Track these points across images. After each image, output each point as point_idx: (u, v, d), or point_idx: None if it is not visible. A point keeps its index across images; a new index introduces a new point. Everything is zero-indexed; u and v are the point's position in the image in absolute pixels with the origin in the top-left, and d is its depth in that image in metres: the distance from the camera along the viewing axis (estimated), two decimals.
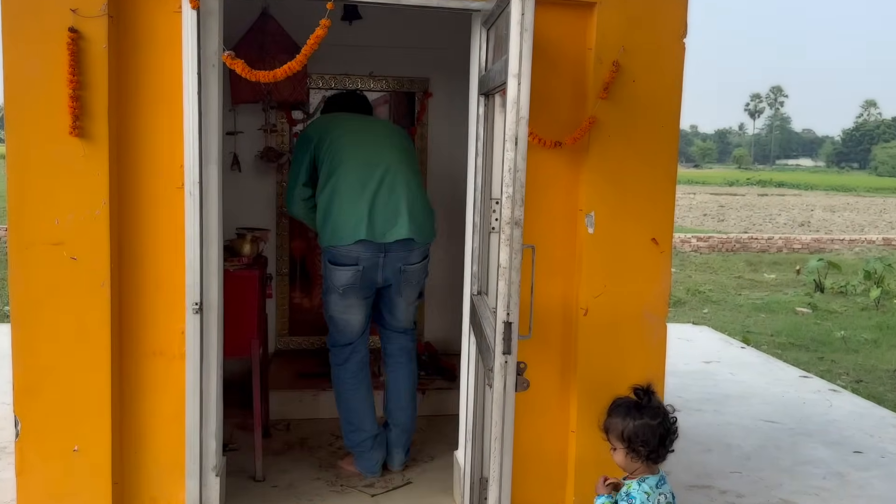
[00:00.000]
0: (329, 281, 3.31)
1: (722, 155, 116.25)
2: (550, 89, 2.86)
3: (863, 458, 4.03)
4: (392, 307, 3.44)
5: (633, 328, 3.00)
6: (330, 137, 3.34)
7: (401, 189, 3.29)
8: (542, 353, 2.95)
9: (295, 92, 4.04)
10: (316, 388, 4.14)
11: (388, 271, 3.30)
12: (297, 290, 4.78)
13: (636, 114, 2.88)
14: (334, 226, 3.24)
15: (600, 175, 2.91)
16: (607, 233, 2.94)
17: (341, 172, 3.26)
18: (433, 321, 4.89)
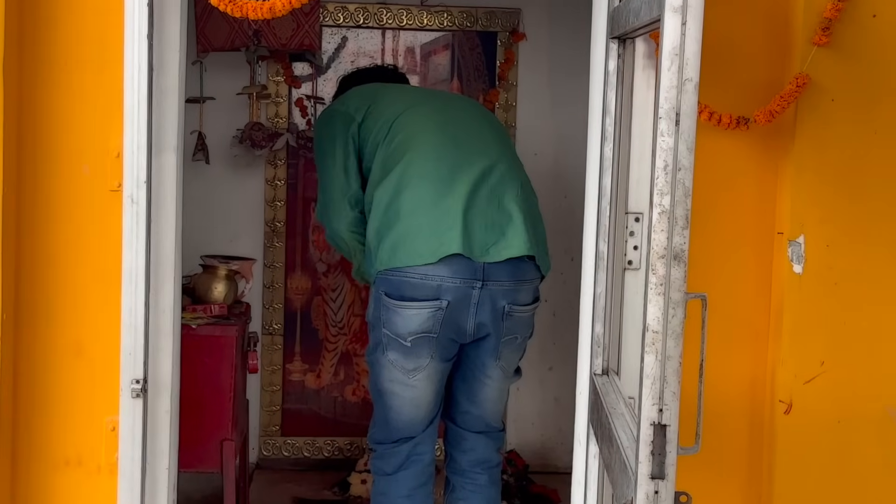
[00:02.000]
0: (384, 328, 3.33)
1: None
2: (733, 32, 2.88)
3: None
4: (477, 384, 3.43)
5: (870, 435, 2.96)
6: (385, 113, 3.43)
7: (511, 184, 3.36)
8: (716, 478, 2.94)
9: (300, 33, 4.13)
10: None
11: (486, 313, 3.31)
12: (295, 359, 4.83)
13: (879, 72, 2.87)
14: (401, 237, 3.27)
15: (815, 176, 2.90)
16: (827, 273, 2.92)
17: (414, 155, 3.33)
18: (522, 417, 4.90)
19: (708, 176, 2.87)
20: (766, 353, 2.98)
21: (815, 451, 2.94)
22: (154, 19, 2.67)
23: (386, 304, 3.28)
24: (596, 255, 2.94)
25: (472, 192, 3.26)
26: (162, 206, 2.74)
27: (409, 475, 3.42)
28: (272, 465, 4.80)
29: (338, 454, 4.75)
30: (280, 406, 4.82)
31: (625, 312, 2.85)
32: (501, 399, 3.52)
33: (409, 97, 3.52)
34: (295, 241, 4.77)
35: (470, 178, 3.28)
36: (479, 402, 3.45)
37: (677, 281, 2.01)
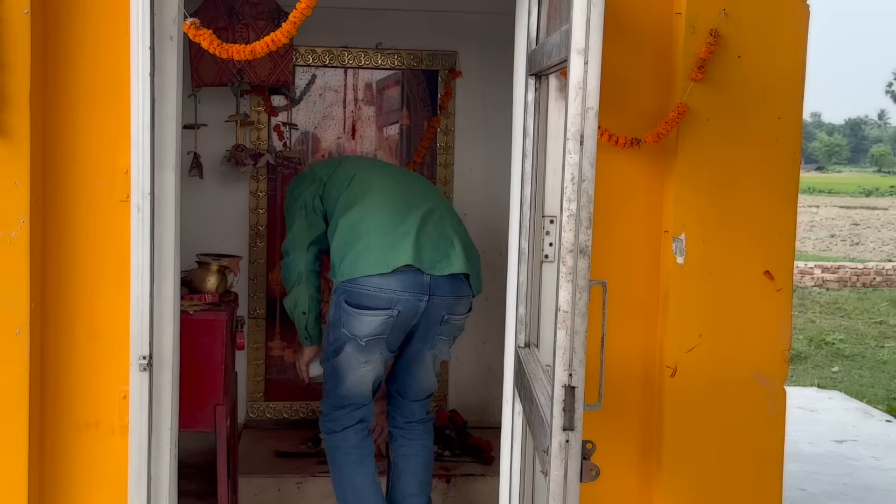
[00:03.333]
0: (343, 328, 3.34)
1: (855, 154, 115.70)
2: (627, 69, 2.89)
3: None
4: (414, 365, 3.48)
5: (739, 395, 2.99)
6: (347, 172, 3.53)
7: (451, 221, 3.49)
8: (616, 429, 2.95)
9: (276, 71, 4.12)
10: (301, 472, 4.15)
11: (428, 319, 3.39)
12: (276, 338, 4.82)
13: (743, 101, 2.90)
14: (361, 251, 3.30)
15: (693, 184, 2.93)
16: (703, 263, 2.94)
17: (374, 195, 3.42)
18: (462, 382, 4.90)
19: (608, 186, 2.88)
20: (655, 328, 3.01)
21: (695, 407, 2.97)
22: (155, 60, 2.66)
23: (346, 310, 3.32)
24: (519, 251, 2.96)
25: (421, 221, 3.36)
26: (163, 214, 2.73)
27: (355, 430, 3.46)
28: (257, 425, 4.78)
29: (311, 415, 4.73)
30: (263, 377, 4.81)
31: (542, 297, 2.87)
32: (433, 375, 3.58)
33: (365, 161, 3.81)
34: (274, 242, 4.75)
35: (419, 212, 3.38)
36: (415, 378, 3.53)
37: (583, 270, 2.03)
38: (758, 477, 2.99)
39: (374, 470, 3.46)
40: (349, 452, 3.43)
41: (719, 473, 2.99)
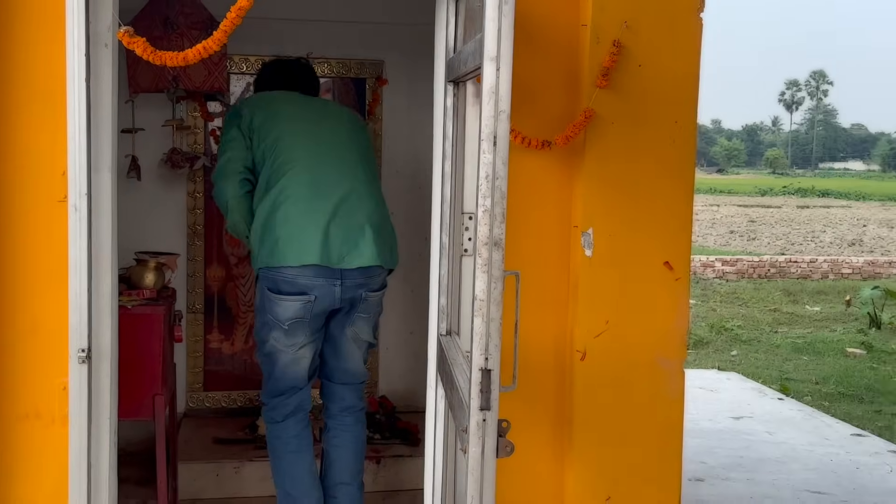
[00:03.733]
0: (268, 314, 3.31)
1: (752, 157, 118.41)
2: (537, 76, 2.91)
3: None
4: (340, 348, 3.44)
5: (643, 376, 3.03)
6: (274, 129, 3.35)
7: (367, 204, 3.35)
8: (531, 409, 2.97)
9: (210, 78, 4.05)
10: (238, 458, 4.11)
11: (346, 300, 3.34)
12: (213, 331, 4.76)
13: (644, 106, 2.94)
14: (277, 241, 3.24)
15: (599, 183, 2.96)
16: (609, 255, 2.98)
17: (291, 177, 3.29)
18: (390, 370, 4.90)
19: (522, 184, 2.92)
20: (566, 315, 3.04)
21: (603, 387, 3.01)
22: (91, 66, 2.60)
23: (268, 296, 3.29)
24: (440, 246, 2.97)
25: (333, 212, 3.26)
26: (100, 214, 2.67)
27: (296, 421, 3.40)
28: (197, 413, 4.72)
29: (248, 404, 4.70)
30: (202, 368, 4.75)
31: (462, 288, 2.87)
32: (359, 358, 3.52)
33: (297, 116, 3.44)
34: (211, 240, 4.71)
35: (333, 200, 3.28)
36: (342, 359, 3.48)
37: (497, 262, 2.04)
38: (660, 451, 3.04)
39: (312, 460, 3.43)
40: (289, 442, 3.39)
41: (625, 448, 3.03)
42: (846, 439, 5.71)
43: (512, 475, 2.92)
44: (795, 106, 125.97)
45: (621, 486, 3.01)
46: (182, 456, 4.00)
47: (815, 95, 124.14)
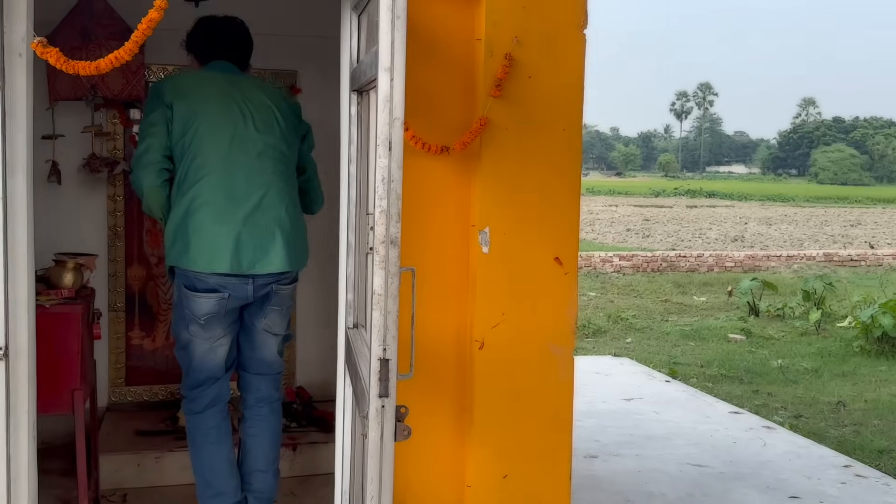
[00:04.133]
0: (185, 309, 3.25)
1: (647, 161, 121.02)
2: (435, 86, 2.92)
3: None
4: (254, 338, 3.40)
5: (536, 363, 3.07)
6: (192, 127, 3.21)
7: (278, 209, 3.27)
8: (432, 396, 2.98)
9: (128, 87, 3.98)
10: (159, 448, 4.04)
11: (258, 295, 3.31)
12: (135, 328, 4.66)
13: (534, 114, 2.97)
14: (189, 247, 3.18)
15: (495, 185, 2.99)
16: (504, 252, 3.01)
17: (205, 182, 3.19)
18: (307, 361, 4.87)
19: (423, 187, 2.94)
20: (466, 308, 3.05)
21: (501, 374, 3.03)
22: (6, 75, 2.53)
23: (185, 293, 3.24)
24: (347, 245, 2.98)
25: (245, 218, 3.20)
26: (16, 217, 2.59)
27: (215, 412, 3.36)
28: (120, 407, 4.63)
29: (169, 397, 4.62)
30: (125, 363, 4.65)
31: (368, 284, 2.88)
32: (274, 349, 3.47)
33: (219, 108, 3.26)
34: (132, 241, 4.62)
35: (245, 207, 3.21)
36: (256, 349, 3.43)
37: (394, 259, 2.05)
38: (552, 430, 3.08)
39: (230, 448, 3.39)
40: (209, 433, 3.34)
41: (522, 429, 3.06)
42: (725, 417, 5.89)
43: (416, 457, 2.94)
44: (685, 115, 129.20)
45: (517, 464, 3.05)
46: (104, 448, 3.92)
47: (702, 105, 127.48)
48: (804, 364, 8.87)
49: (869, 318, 9.50)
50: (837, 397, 7.46)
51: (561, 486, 3.11)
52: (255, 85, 3.43)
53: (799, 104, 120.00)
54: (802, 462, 4.93)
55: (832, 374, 8.51)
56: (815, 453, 5.14)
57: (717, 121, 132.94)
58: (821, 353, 9.45)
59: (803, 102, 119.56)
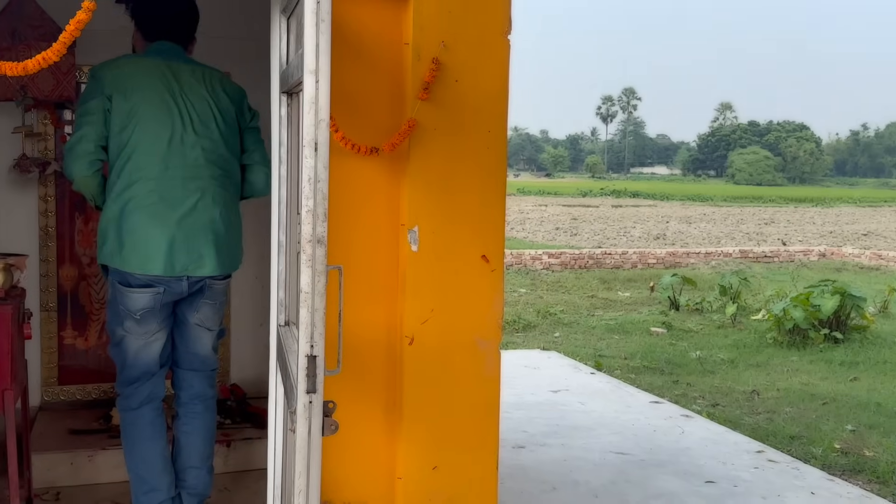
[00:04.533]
0: (120, 305, 3.18)
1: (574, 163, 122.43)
2: (365, 89, 2.91)
3: (715, 489, 4.36)
4: (188, 333, 3.34)
5: (464, 357, 3.07)
6: (129, 124, 3.10)
7: (212, 212, 3.21)
8: (362, 390, 2.97)
9: (59, 87, 3.87)
10: (92, 447, 3.94)
11: (192, 291, 3.26)
12: (67, 328, 4.54)
13: (460, 117, 2.98)
14: (123, 248, 3.11)
15: (423, 185, 2.98)
16: (433, 250, 3.00)
17: (141, 185, 3.11)
18: (241, 359, 4.80)
19: (353, 187, 2.92)
20: (396, 305, 3.04)
21: (430, 368, 3.02)
22: None
23: (119, 289, 3.17)
24: (278, 244, 2.94)
25: (179, 221, 3.13)
26: None
27: (150, 408, 3.29)
28: (53, 407, 4.49)
29: (103, 396, 4.51)
30: (57, 363, 4.52)
31: (299, 282, 2.86)
32: (208, 344, 3.41)
33: (159, 105, 3.15)
34: (64, 242, 4.49)
35: (180, 210, 3.14)
36: (189, 344, 3.37)
37: (320, 257, 2.03)
38: (480, 422, 3.08)
39: (165, 445, 3.32)
40: (144, 430, 3.27)
41: (451, 421, 3.06)
42: (646, 406, 5.99)
43: (347, 451, 2.93)
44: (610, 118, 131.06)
45: (446, 455, 3.05)
46: (37, 447, 3.80)
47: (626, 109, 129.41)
48: (721, 355, 9.07)
49: (781, 311, 9.76)
50: (752, 386, 7.65)
51: (489, 476, 3.12)
52: (196, 78, 3.29)
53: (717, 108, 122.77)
54: (718, 448, 5.03)
55: (747, 364, 8.72)
56: (730, 440, 5.26)
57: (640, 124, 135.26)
58: (736, 344, 9.68)
59: (721, 107, 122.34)
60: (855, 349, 9.26)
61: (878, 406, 6.90)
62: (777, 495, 4.28)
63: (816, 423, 6.38)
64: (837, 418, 6.54)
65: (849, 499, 4.27)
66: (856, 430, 6.22)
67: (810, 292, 10.00)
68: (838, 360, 8.79)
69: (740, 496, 4.27)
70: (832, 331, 9.60)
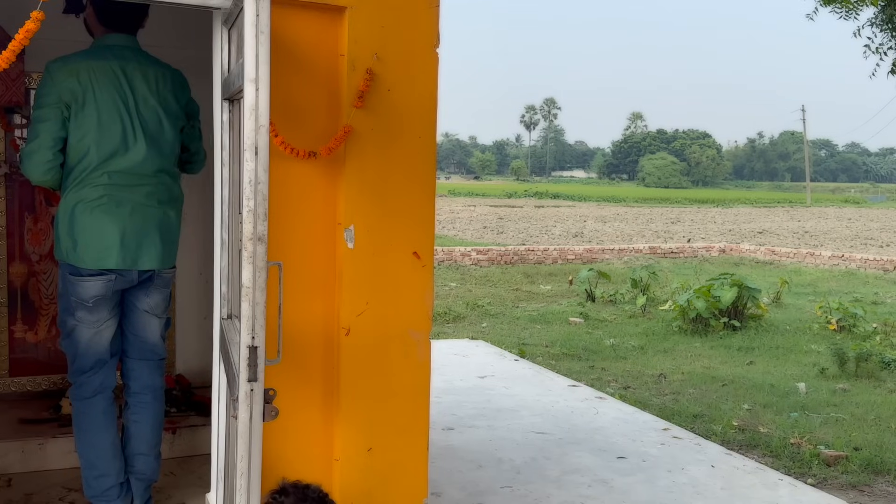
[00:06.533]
0: (73, 296, 3.09)
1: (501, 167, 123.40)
2: (303, 97, 2.89)
3: (626, 464, 4.44)
4: (137, 320, 3.25)
5: (397, 347, 3.08)
6: (82, 127, 3.03)
7: (156, 210, 3.16)
8: (302, 379, 2.95)
9: (8, 93, 3.73)
10: (43, 435, 3.81)
11: (142, 277, 3.19)
12: (17, 322, 4.38)
13: (393, 124, 2.98)
14: (76, 245, 3.05)
15: (358, 187, 2.98)
16: (368, 247, 3.00)
17: (93, 186, 3.04)
18: (186, 350, 4.70)
19: (291, 188, 2.90)
20: (333, 298, 3.04)
21: (365, 357, 3.03)
22: None
23: (71, 280, 3.08)
24: (221, 242, 2.90)
25: (128, 217, 3.08)
26: None
27: (102, 398, 3.21)
28: (4, 398, 4.32)
29: (52, 387, 4.36)
30: (8, 356, 4.36)
31: (240, 278, 2.82)
32: (156, 332, 3.33)
33: (102, 126, 3.06)
34: (13, 239, 4.32)
35: (128, 207, 3.08)
36: (139, 330, 3.29)
37: (261, 254, 2.02)
38: (412, 406, 3.10)
39: (115, 433, 3.24)
40: (96, 418, 3.18)
41: (384, 406, 3.07)
42: (564, 389, 6.07)
43: (287, 435, 2.90)
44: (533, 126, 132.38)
45: (380, 438, 3.05)
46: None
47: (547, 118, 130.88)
48: (632, 342, 9.24)
49: (686, 301, 10.00)
50: (659, 370, 7.81)
51: (420, 456, 3.14)
52: (149, 86, 3.19)
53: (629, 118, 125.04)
54: (629, 427, 5.13)
55: (655, 350, 8.91)
56: (639, 419, 5.36)
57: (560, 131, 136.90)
58: (646, 332, 9.87)
59: (632, 116, 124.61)
60: (751, 336, 9.53)
61: (772, 387, 7.12)
62: (681, 468, 4.39)
63: (716, 402, 6.55)
64: (735, 398, 6.72)
65: (745, 471, 4.40)
66: (751, 408, 6.41)
67: (711, 285, 10.26)
68: (736, 345, 9.04)
69: (648, 469, 4.36)
70: (731, 319, 9.87)
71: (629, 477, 4.23)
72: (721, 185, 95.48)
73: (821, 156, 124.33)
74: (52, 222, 4.36)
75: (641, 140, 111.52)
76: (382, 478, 3.06)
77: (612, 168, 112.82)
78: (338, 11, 2.87)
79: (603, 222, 32.01)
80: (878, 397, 6.81)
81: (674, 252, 19.40)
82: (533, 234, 25.49)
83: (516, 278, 14.85)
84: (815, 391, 7.00)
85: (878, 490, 4.71)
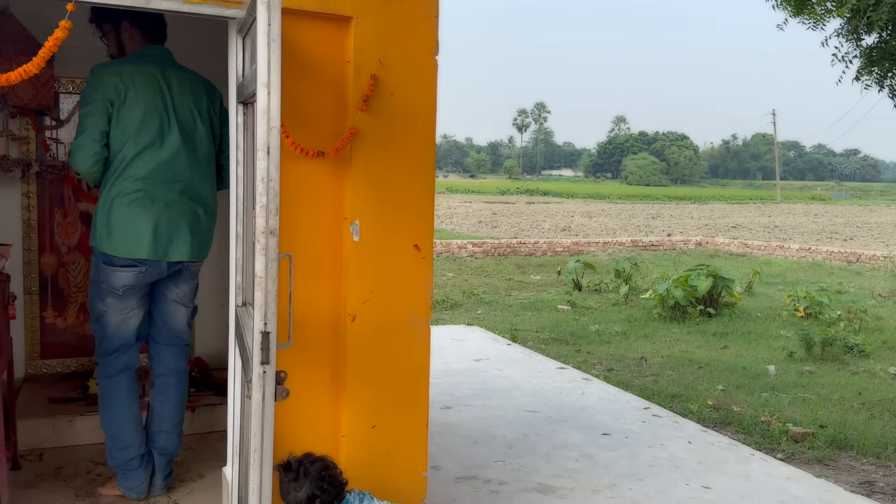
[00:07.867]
0: (104, 283, 3.10)
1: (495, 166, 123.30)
2: (312, 100, 2.87)
3: (610, 440, 4.45)
4: (167, 308, 3.27)
5: (399, 331, 3.07)
6: (132, 132, 3.06)
7: (189, 206, 3.18)
8: (311, 361, 2.94)
9: (38, 97, 3.71)
10: (71, 413, 3.82)
11: (173, 270, 3.21)
12: (48, 309, 4.38)
13: (395, 126, 2.96)
14: (111, 234, 3.06)
15: (363, 184, 2.96)
16: (372, 240, 2.99)
17: (132, 180, 3.06)
18: (205, 335, 4.71)
19: (302, 186, 2.88)
20: (340, 288, 3.02)
21: (369, 342, 3.01)
22: None
23: (104, 269, 3.09)
24: (236, 235, 2.89)
25: (163, 210, 3.10)
26: None
27: (126, 377, 3.23)
28: (36, 379, 4.34)
29: (81, 368, 4.38)
30: (39, 340, 4.37)
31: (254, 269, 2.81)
32: (184, 319, 3.35)
33: (145, 126, 3.10)
34: (45, 233, 4.33)
35: (164, 201, 3.11)
36: (168, 318, 3.31)
37: (273, 246, 2.01)
38: (412, 386, 3.08)
39: (138, 409, 3.26)
40: (119, 395, 3.20)
41: (387, 387, 3.06)
42: (553, 371, 6.07)
43: (298, 414, 2.89)
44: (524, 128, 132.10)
45: (383, 416, 3.05)
46: (22, 414, 3.67)
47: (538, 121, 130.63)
48: (615, 328, 9.24)
49: (665, 290, 10.00)
50: (640, 354, 7.81)
51: (420, 433, 3.13)
52: (184, 89, 3.24)
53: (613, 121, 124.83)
54: (612, 406, 5.13)
55: (637, 335, 8.91)
56: (622, 399, 5.37)
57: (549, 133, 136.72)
58: (628, 319, 9.87)
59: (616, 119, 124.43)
60: (725, 322, 9.54)
61: (744, 369, 7.13)
62: (661, 444, 4.39)
63: (693, 383, 6.56)
64: (710, 380, 6.73)
65: (720, 446, 4.41)
66: (725, 389, 6.42)
67: (689, 275, 10.25)
68: (711, 331, 9.05)
69: (630, 445, 4.36)
70: (706, 307, 9.87)
71: (613, 452, 4.24)
72: (698, 184, 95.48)
73: (790, 156, 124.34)
74: (79, 217, 4.35)
75: (624, 141, 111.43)
76: (385, 452, 3.05)
77: (598, 167, 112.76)
78: (344, 21, 2.85)
79: (589, 217, 32.00)
80: (842, 379, 6.82)
81: (654, 245, 19.39)
82: (524, 229, 25.47)
83: (509, 269, 14.84)
84: (783, 373, 7.01)
85: (841, 464, 4.72)
